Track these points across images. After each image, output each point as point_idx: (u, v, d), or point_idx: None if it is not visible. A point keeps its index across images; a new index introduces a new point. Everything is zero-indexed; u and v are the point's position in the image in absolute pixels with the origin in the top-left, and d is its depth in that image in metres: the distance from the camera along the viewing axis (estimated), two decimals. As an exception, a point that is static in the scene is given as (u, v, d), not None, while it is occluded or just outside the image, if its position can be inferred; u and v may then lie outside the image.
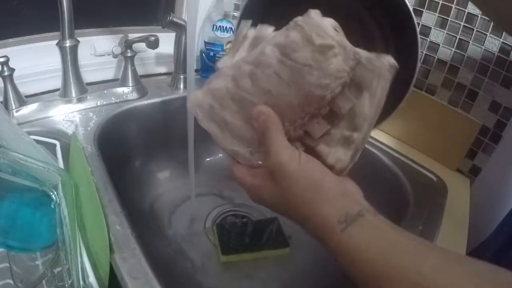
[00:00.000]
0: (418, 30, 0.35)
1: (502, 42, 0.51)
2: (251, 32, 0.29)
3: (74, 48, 0.52)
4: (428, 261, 0.20)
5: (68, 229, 0.31)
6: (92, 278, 0.30)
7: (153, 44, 0.59)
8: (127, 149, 0.59)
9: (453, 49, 0.57)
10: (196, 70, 0.78)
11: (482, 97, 0.55)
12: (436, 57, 0.59)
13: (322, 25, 0.25)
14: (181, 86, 0.69)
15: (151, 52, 0.72)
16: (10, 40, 0.55)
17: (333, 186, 0.25)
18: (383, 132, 0.65)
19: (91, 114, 0.54)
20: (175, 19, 0.59)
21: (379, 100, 0.26)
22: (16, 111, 0.49)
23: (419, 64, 0.36)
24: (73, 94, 0.55)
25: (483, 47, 0.53)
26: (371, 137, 0.62)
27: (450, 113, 0.58)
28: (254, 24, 0.29)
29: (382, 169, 0.58)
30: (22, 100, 0.50)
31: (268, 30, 0.28)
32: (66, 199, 0.32)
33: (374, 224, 0.23)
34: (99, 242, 0.33)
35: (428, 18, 0.58)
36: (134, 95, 0.61)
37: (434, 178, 0.55)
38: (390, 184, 0.56)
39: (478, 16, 0.53)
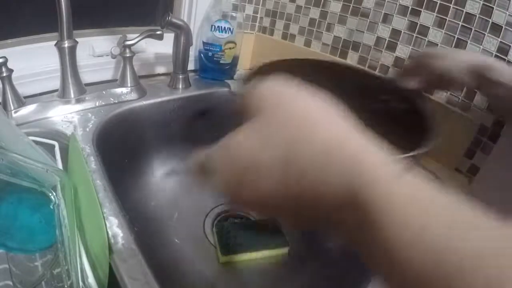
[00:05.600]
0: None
1: (500, 42, 0.51)
2: None
3: (73, 49, 0.52)
4: None
5: (67, 230, 0.31)
6: (91, 279, 0.30)
7: (159, 36, 0.60)
8: (126, 150, 0.59)
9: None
10: (195, 71, 0.78)
11: (480, 97, 0.55)
12: (435, 57, 0.59)
13: None
14: (180, 86, 0.69)
15: (150, 53, 0.72)
16: (9, 41, 0.55)
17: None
18: (382, 131, 0.65)
19: (89, 114, 0.54)
20: (174, 20, 0.59)
21: None
22: (15, 112, 0.49)
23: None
24: (72, 95, 0.54)
25: (481, 47, 0.53)
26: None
27: (448, 112, 0.58)
28: None
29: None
30: (21, 101, 0.50)
31: None
32: (65, 200, 0.32)
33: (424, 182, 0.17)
34: (98, 243, 0.32)
35: (427, 18, 0.58)
36: (133, 96, 0.61)
37: (433, 178, 0.55)
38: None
39: (476, 16, 0.53)
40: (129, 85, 0.61)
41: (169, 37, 0.64)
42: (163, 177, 0.66)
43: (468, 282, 0.13)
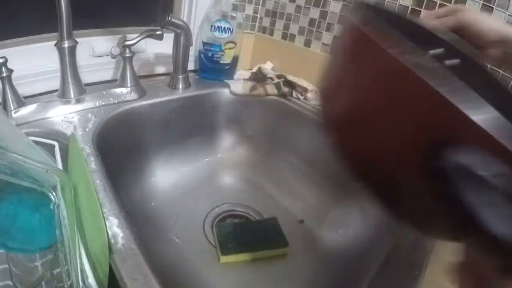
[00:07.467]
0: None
1: (500, 42, 0.51)
2: None
3: (73, 49, 0.52)
4: None
5: (67, 230, 0.31)
6: (91, 279, 0.30)
7: (159, 36, 0.60)
8: (126, 150, 0.59)
9: (451, 49, 0.57)
10: (195, 71, 0.78)
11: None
12: (434, 57, 0.59)
13: None
14: (180, 86, 0.69)
15: (150, 53, 0.72)
16: (9, 41, 0.55)
17: None
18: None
19: (89, 114, 0.54)
20: (173, 20, 0.60)
21: None
22: (15, 112, 0.49)
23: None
24: (72, 95, 0.54)
25: (481, 47, 0.53)
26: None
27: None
28: None
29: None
30: (21, 101, 0.50)
31: None
32: (65, 200, 0.32)
33: None
34: (98, 243, 0.33)
35: (426, 18, 0.58)
36: (133, 96, 0.61)
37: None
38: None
39: (476, 16, 0.53)
40: (129, 85, 0.61)
41: (169, 37, 0.64)
42: (163, 176, 0.66)
43: None
